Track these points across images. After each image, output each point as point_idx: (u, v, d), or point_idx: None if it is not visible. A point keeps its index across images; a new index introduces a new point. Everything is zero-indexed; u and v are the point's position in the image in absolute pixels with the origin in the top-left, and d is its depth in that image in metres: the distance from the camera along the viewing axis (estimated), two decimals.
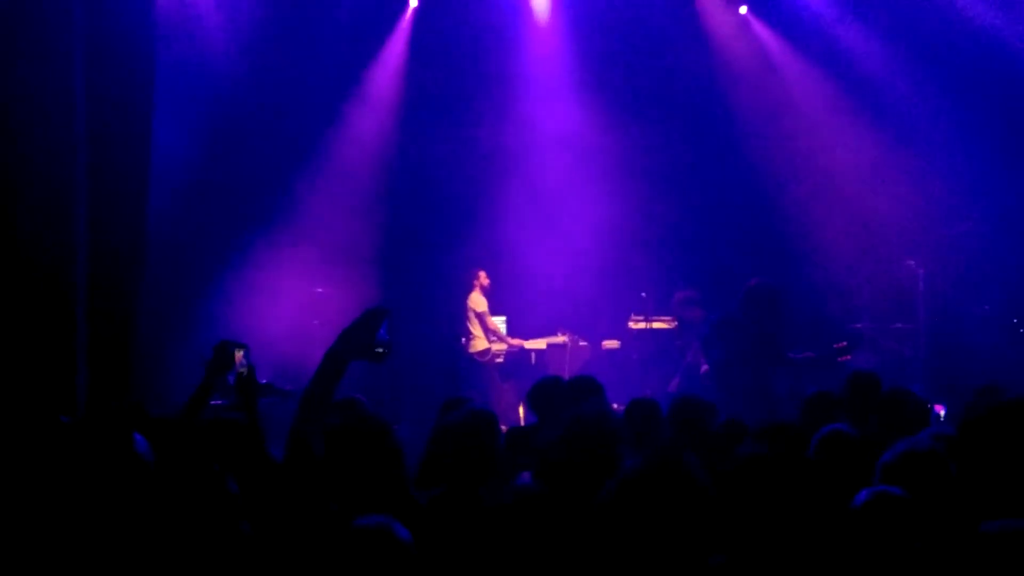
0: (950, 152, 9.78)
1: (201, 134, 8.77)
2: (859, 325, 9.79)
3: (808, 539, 2.45)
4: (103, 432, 2.75)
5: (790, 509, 2.54)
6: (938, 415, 5.12)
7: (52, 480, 2.60)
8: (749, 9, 10.40)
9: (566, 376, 8.08)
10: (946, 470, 2.75)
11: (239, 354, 3.66)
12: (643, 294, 9.83)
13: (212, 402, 5.19)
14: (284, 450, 2.80)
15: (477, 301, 9.77)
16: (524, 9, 10.25)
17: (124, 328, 6.42)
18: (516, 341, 9.95)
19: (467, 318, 9.78)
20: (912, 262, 9.82)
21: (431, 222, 10.45)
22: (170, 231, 8.08)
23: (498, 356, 9.78)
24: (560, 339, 9.94)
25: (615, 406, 7.77)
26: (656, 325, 9.84)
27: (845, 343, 7.09)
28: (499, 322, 10.00)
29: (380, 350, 2.79)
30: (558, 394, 4.61)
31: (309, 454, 2.64)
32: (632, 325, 9.91)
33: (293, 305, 9.16)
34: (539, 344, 9.99)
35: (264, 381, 6.22)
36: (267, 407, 6.25)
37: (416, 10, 10.27)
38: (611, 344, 10.10)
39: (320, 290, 9.38)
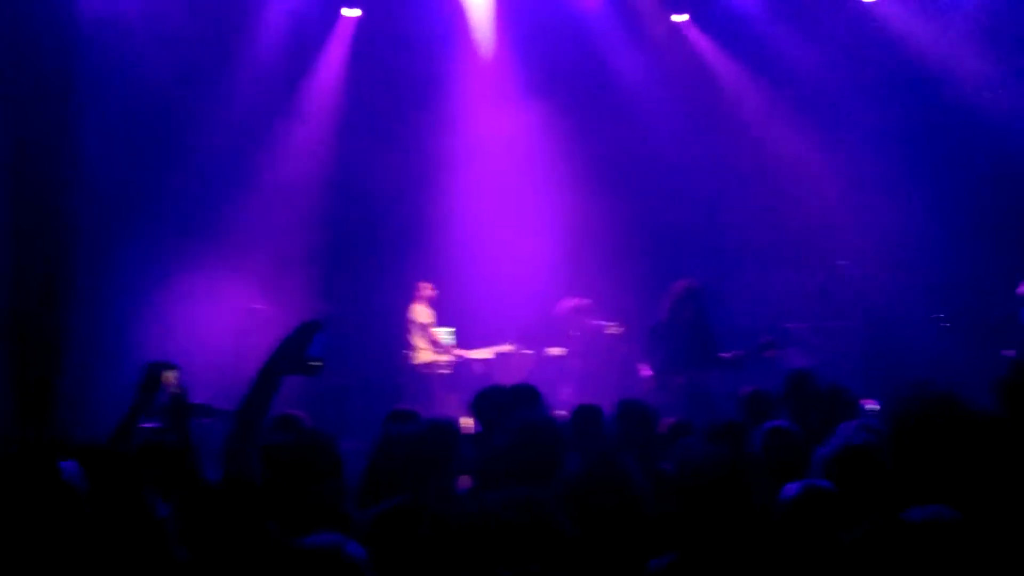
0: (880, 154, 10.04)
1: (131, 148, 8.59)
2: (795, 325, 9.98)
3: (752, 533, 2.48)
4: (25, 467, 2.63)
5: (740, 504, 2.56)
6: (873, 410, 5.23)
7: None
8: (689, 16, 10.55)
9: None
10: (880, 462, 2.80)
11: (169, 375, 3.57)
12: (587, 301, 9.86)
13: (144, 425, 5.06)
14: (222, 470, 2.73)
15: (418, 312, 9.70)
16: (461, 17, 10.23)
17: (51, 350, 6.20)
18: (459, 351, 9.89)
19: (409, 330, 9.70)
20: (845, 262, 10.06)
21: (373, 235, 10.37)
22: (99, 246, 7.87)
23: (442, 368, 9.72)
24: (506, 348, 9.92)
25: (561, 413, 7.81)
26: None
27: (771, 339, 7.22)
28: (447, 333, 9.94)
29: (315, 364, 2.74)
30: (501, 402, 4.59)
31: (246, 473, 2.57)
32: (576, 332, 9.92)
33: (230, 322, 9.00)
34: (485, 354, 9.95)
35: (200, 401, 6.06)
36: (205, 428, 6.12)
37: (353, 20, 10.18)
38: (556, 351, 10.10)
39: (258, 307, 9.22)
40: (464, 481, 3.83)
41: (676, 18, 10.57)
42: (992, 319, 8.77)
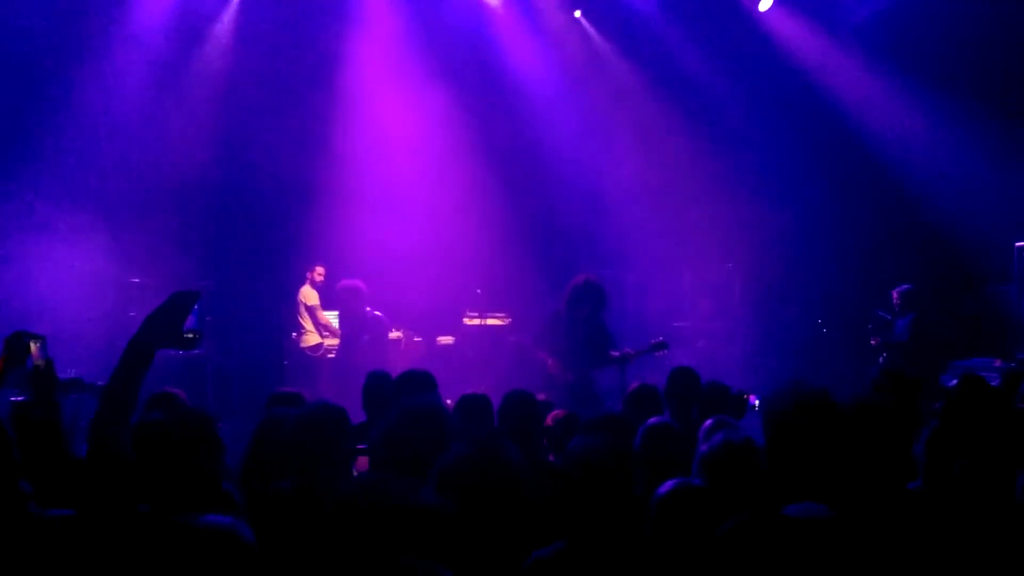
0: (768, 160, 10.39)
1: (4, 110, 8.14)
2: (681, 324, 10.25)
3: (632, 526, 2.51)
4: None
5: (621, 497, 2.59)
6: (753, 405, 5.40)
7: None
8: (583, 14, 10.63)
9: (398, 371, 8.01)
10: (760, 459, 2.89)
11: (35, 346, 3.37)
12: (478, 291, 9.88)
13: (13, 399, 4.79)
14: (87, 446, 2.59)
15: (308, 295, 9.51)
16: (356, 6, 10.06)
17: None
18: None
19: (298, 312, 9.51)
20: (730, 265, 10.38)
21: (262, 215, 10.12)
22: None
23: (330, 351, 9.56)
24: (394, 335, 9.82)
25: (448, 402, 7.78)
26: (490, 322, 9.91)
27: (661, 339, 7.38)
28: (332, 316, 9.78)
29: (190, 336, 2.60)
30: (389, 389, 4.53)
31: (113, 450, 2.44)
32: (467, 321, 9.94)
33: (108, 295, 8.63)
34: None
35: (73, 375, 5.78)
36: (77, 403, 5.84)
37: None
38: (446, 340, 10.09)
39: (137, 280, 8.88)
40: (362, 464, 3.77)
41: (574, 13, 10.65)
42: (868, 325, 9.20)
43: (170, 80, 9.56)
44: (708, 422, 3.62)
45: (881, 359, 8.82)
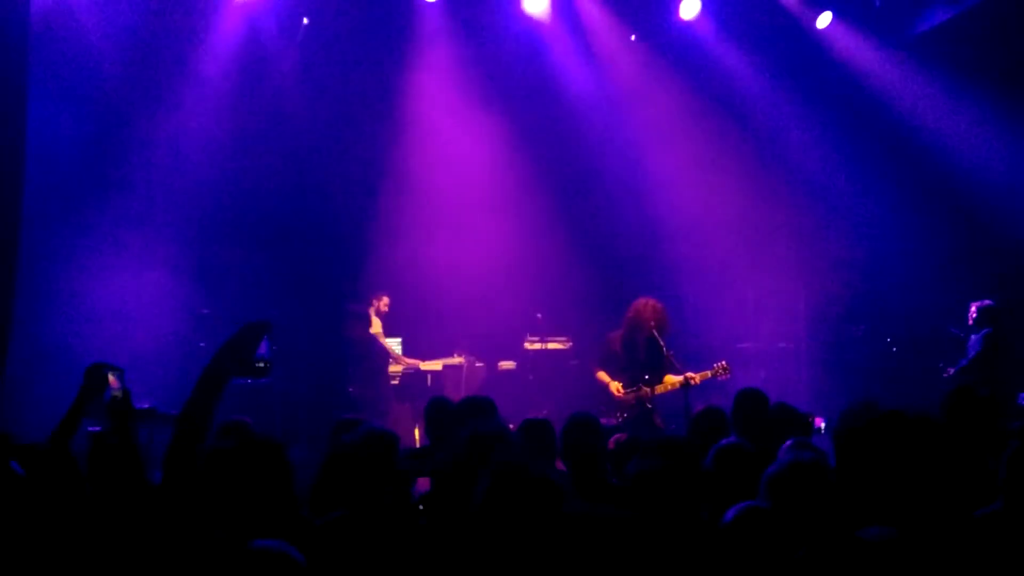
0: (831, 178, 10.24)
1: (79, 146, 8.43)
2: (744, 345, 10.12)
3: (701, 549, 2.49)
4: None
5: (679, 520, 2.57)
6: (819, 428, 5.31)
7: None
8: (638, 35, 10.64)
9: (461, 397, 8.05)
10: (829, 480, 2.84)
11: (112, 377, 3.50)
12: (538, 315, 9.90)
13: (90, 428, 4.95)
14: (162, 471, 2.67)
15: (370, 323, 9.64)
16: (418, 27, 10.19)
17: None
18: (412, 361, 9.85)
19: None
20: (794, 284, 10.23)
21: (326, 244, 10.28)
22: (46, 246, 7.71)
23: (393, 378, 9.66)
24: (456, 360, 9.89)
25: (510, 426, 7.80)
26: (551, 346, 9.91)
27: (723, 363, 7.31)
28: (394, 344, 9.89)
29: (261, 365, 2.68)
30: (450, 415, 4.56)
31: (187, 476, 2.51)
32: (528, 346, 9.96)
33: (179, 326, 8.86)
34: (435, 365, 9.92)
35: (148, 405, 5.96)
36: (150, 432, 6.00)
37: (309, 26, 10.08)
38: (507, 365, 10.11)
39: (207, 311, 9.09)
40: (422, 485, 3.81)
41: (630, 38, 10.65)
42: (943, 341, 8.97)
43: (236, 114, 9.79)
44: (788, 443, 3.56)
45: (948, 373, 8.60)
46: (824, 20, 10.06)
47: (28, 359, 7.03)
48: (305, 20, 10.00)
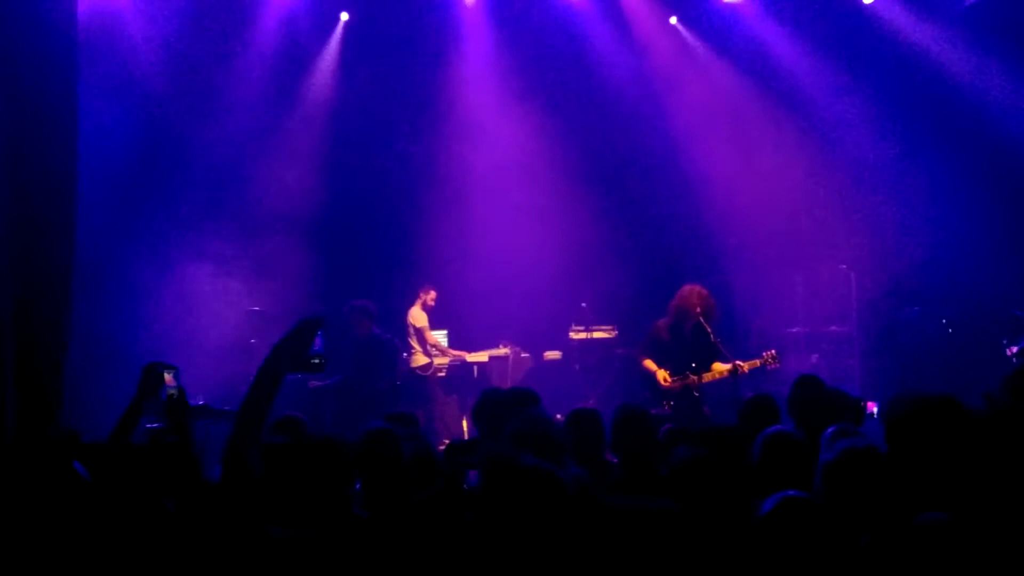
0: (878, 156, 10.05)
1: (129, 147, 8.59)
2: (794, 329, 9.99)
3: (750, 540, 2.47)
4: (41, 461, 2.63)
5: (729, 509, 2.55)
6: (871, 412, 5.23)
7: None
8: (679, 19, 10.54)
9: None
10: (884, 466, 2.80)
11: (168, 376, 3.58)
12: (583, 304, 9.89)
13: (148, 425, 5.06)
14: (221, 468, 2.72)
15: (416, 316, 9.70)
16: (456, 20, 10.22)
17: (55, 346, 6.17)
18: (458, 353, 9.91)
19: (407, 333, 9.70)
20: (844, 266, 10.06)
21: (370, 236, 10.36)
22: (99, 246, 7.87)
23: (440, 370, 9.73)
24: (502, 351, 9.93)
25: (557, 416, 7.81)
26: (596, 335, 9.90)
27: (773, 351, 7.23)
28: (440, 336, 9.95)
29: (316, 361, 2.73)
30: (496, 406, 4.57)
31: (246, 472, 2.56)
32: (573, 335, 9.96)
33: (229, 323, 9.00)
34: (481, 357, 9.97)
35: (201, 402, 6.07)
36: (205, 428, 6.11)
37: (348, 23, 10.17)
38: (553, 355, 10.13)
39: (257, 308, 9.22)
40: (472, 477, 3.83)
41: (671, 20, 10.55)
42: (1003, 322, 8.74)
43: (280, 111, 9.92)
44: (830, 430, 3.52)
45: (1011, 351, 8.38)
46: None
47: (83, 357, 7.18)
48: (344, 16, 10.10)
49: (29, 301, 6.02)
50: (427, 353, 9.66)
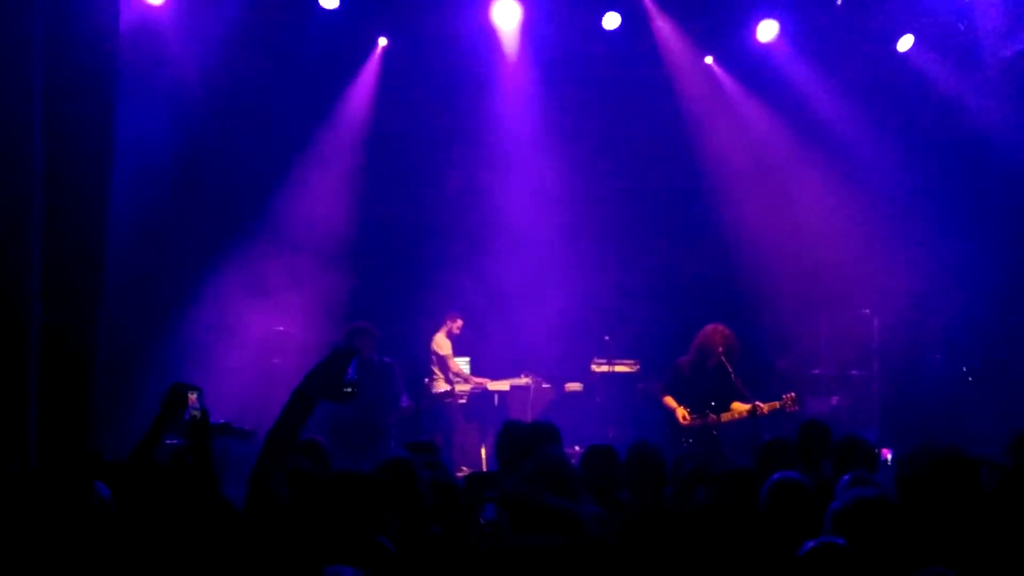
0: (906, 202, 10.03)
1: (164, 161, 8.72)
2: (817, 372, 9.95)
3: None
4: (62, 482, 2.70)
5: (739, 558, 2.57)
6: (885, 460, 5.20)
7: (8, 533, 2.53)
8: (714, 58, 10.61)
9: (529, 419, 8.09)
10: (894, 517, 2.81)
11: (192, 396, 3.64)
12: (606, 337, 9.90)
13: (168, 441, 5.13)
14: (246, 492, 2.78)
15: (440, 344, 9.76)
16: (493, 48, 10.31)
17: (82, 365, 6.25)
18: (479, 380, 9.94)
19: (430, 360, 9.76)
20: (867, 311, 10.02)
21: (397, 260, 10.45)
22: (129, 259, 7.97)
23: (461, 397, 9.76)
24: (523, 381, 9.95)
25: (575, 448, 7.82)
26: (619, 368, 9.90)
27: (793, 395, 7.21)
28: (462, 363, 10.00)
29: (348, 390, 2.79)
30: (516, 441, 4.59)
31: (272, 497, 2.62)
32: (595, 368, 9.97)
33: (253, 343, 9.08)
34: (503, 385, 10.00)
35: (222, 420, 6.13)
36: (225, 447, 6.17)
37: (385, 49, 10.32)
38: (574, 387, 10.14)
39: (281, 328, 9.31)
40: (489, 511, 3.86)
41: (706, 60, 10.61)
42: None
43: (315, 132, 10.05)
44: (845, 478, 3.52)
45: None
46: (906, 43, 9.89)
47: (108, 369, 7.26)
48: (382, 41, 10.24)
49: (57, 320, 6.09)
50: (449, 381, 9.70)
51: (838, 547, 2.70)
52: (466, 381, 9.87)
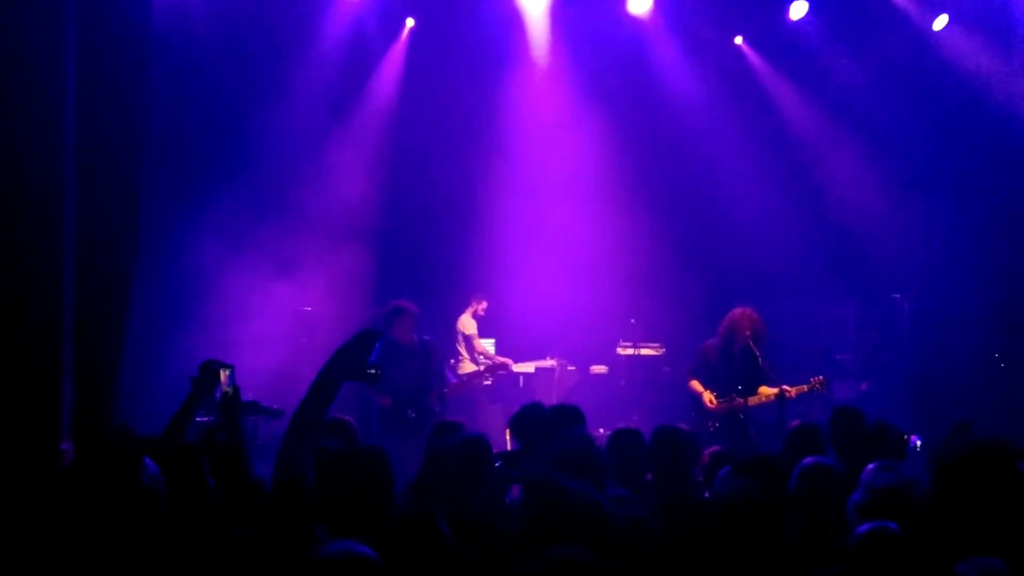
0: (940, 186, 9.89)
1: (193, 142, 8.76)
2: (843, 357, 9.87)
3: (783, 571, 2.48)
4: (112, 462, 2.73)
5: (772, 541, 2.56)
6: (915, 446, 5.15)
7: (56, 513, 2.57)
8: (744, 39, 10.49)
9: (554, 401, 8.10)
10: (916, 506, 2.78)
11: (224, 374, 3.68)
12: (632, 320, 9.88)
13: (198, 419, 5.20)
14: (273, 470, 2.81)
15: (466, 323, 9.76)
16: (519, 26, 10.26)
17: (114, 343, 6.33)
18: (504, 359, 9.91)
19: (455, 340, 9.78)
20: (897, 296, 9.92)
21: (423, 241, 10.47)
22: (159, 239, 8.04)
23: (486, 378, 9.78)
24: (549, 363, 9.96)
25: (600, 431, 7.83)
26: (644, 352, 9.88)
27: (821, 377, 7.16)
28: (488, 344, 10.01)
29: (373, 371, 2.82)
30: (540, 422, 4.61)
31: (299, 477, 2.65)
32: (620, 351, 9.96)
33: (281, 323, 9.15)
34: (528, 367, 10.01)
35: (250, 399, 6.20)
36: (254, 424, 6.24)
37: (414, 29, 10.31)
38: (599, 369, 10.13)
39: (308, 308, 9.37)
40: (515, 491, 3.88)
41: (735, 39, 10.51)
42: None
43: (341, 114, 10.04)
44: (871, 466, 3.49)
45: None
46: (940, 22, 9.73)
47: (138, 347, 7.33)
48: (410, 22, 10.24)
49: (90, 297, 6.18)
50: (475, 360, 9.70)
51: (890, 531, 2.67)
52: (490, 360, 9.86)
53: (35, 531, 2.54)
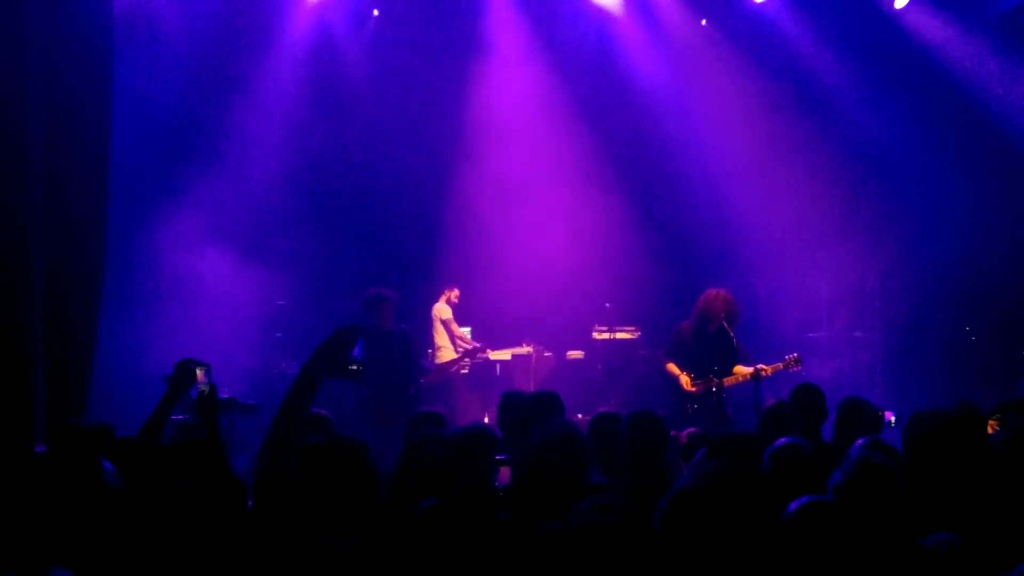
0: (906, 164, 10.00)
1: (158, 139, 8.69)
2: (816, 335, 9.98)
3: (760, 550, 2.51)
4: (71, 459, 2.72)
5: (744, 521, 2.59)
6: (889, 421, 5.22)
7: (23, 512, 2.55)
8: (709, 21, 10.53)
9: (531, 387, 8.12)
10: (896, 484, 2.82)
11: (200, 372, 3.66)
12: (607, 304, 9.91)
13: (174, 417, 5.17)
14: (255, 467, 2.80)
15: (441, 310, 9.72)
16: (488, 21, 10.27)
17: (84, 341, 6.28)
18: (480, 345, 9.88)
19: (432, 327, 9.75)
20: (868, 271, 10.03)
21: (395, 232, 10.44)
22: (127, 237, 7.97)
23: (463, 367, 9.78)
24: (525, 350, 9.97)
25: (579, 416, 7.86)
26: (620, 336, 9.92)
27: (796, 355, 7.23)
28: (464, 332, 10.00)
29: (355, 367, 2.83)
30: (519, 411, 4.62)
31: (282, 472, 2.65)
32: (596, 335, 9.98)
33: (256, 316, 9.10)
34: (504, 355, 10.01)
35: (227, 395, 6.17)
36: (230, 421, 6.22)
37: (379, 20, 10.25)
38: (575, 354, 10.16)
39: (282, 302, 9.33)
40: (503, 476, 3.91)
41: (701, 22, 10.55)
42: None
43: (309, 106, 9.98)
44: (860, 441, 3.53)
45: None
46: (902, 1, 9.81)
47: (109, 348, 7.27)
48: (375, 12, 10.19)
49: (59, 295, 6.13)
50: (454, 344, 9.62)
51: (826, 504, 2.70)
52: (468, 344, 9.84)
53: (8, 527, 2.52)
